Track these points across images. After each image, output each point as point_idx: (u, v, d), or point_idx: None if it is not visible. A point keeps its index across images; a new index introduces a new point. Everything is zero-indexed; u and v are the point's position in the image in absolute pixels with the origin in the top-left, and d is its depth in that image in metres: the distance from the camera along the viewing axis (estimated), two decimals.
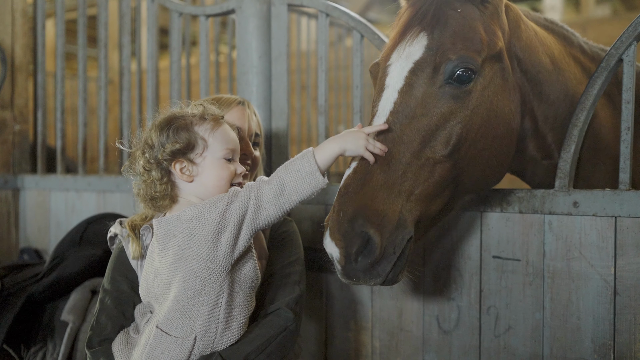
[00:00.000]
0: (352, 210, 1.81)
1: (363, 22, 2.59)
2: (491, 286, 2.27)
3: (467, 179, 2.00)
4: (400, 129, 1.91)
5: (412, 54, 1.97)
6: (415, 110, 1.92)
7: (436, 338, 2.40)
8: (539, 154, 2.29)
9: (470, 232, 2.31)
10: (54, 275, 2.84)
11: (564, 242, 2.13)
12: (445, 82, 1.93)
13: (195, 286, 1.78)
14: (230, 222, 1.78)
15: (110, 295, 2.04)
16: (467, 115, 1.93)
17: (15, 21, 3.90)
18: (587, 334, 2.09)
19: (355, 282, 1.85)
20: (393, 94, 1.96)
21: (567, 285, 2.12)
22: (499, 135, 2.02)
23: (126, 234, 2.02)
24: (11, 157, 3.89)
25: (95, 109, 5.46)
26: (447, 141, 1.92)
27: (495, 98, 1.99)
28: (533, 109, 2.20)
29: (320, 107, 2.74)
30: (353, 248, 1.79)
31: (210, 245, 1.77)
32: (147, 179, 1.88)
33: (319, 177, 1.80)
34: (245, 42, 2.82)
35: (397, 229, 1.82)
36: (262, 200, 1.80)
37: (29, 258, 3.67)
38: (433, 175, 1.90)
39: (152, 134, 1.89)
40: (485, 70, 1.98)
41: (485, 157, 2.00)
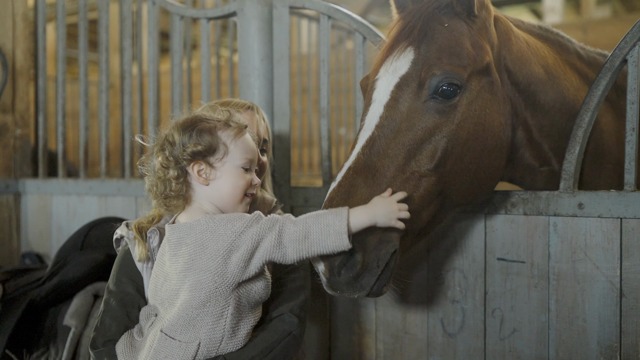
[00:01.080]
0: None
1: (365, 24, 2.58)
2: (496, 288, 2.26)
3: (455, 192, 2.00)
4: (386, 143, 1.92)
5: (398, 69, 1.99)
6: (400, 125, 1.93)
7: (441, 341, 2.38)
8: (536, 162, 2.28)
9: (475, 235, 2.30)
10: (56, 279, 2.83)
11: (569, 244, 2.11)
12: (430, 97, 1.94)
13: (201, 297, 1.77)
14: (243, 245, 1.76)
15: (115, 297, 2.03)
16: (452, 129, 1.94)
17: (16, 25, 3.90)
18: (593, 336, 2.07)
19: (340, 294, 1.86)
20: (379, 108, 1.97)
21: (573, 287, 2.11)
22: (488, 149, 2.01)
23: (132, 236, 2.02)
24: (12, 161, 3.89)
25: (95, 113, 5.46)
26: (432, 155, 1.92)
27: (483, 112, 1.99)
28: (526, 119, 2.19)
29: (323, 110, 2.73)
30: (336, 261, 1.80)
31: (220, 260, 1.76)
32: (163, 176, 1.87)
33: (344, 239, 1.75)
34: (247, 45, 2.81)
35: (381, 243, 1.83)
36: (283, 239, 1.77)
37: (31, 262, 3.66)
38: (418, 189, 1.91)
39: (175, 131, 1.88)
40: (472, 84, 1.98)
41: (473, 171, 2.00)
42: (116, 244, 2.14)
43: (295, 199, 2.76)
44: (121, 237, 2.10)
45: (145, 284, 2.04)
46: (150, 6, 3.25)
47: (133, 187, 3.37)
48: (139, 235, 2.01)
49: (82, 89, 3.69)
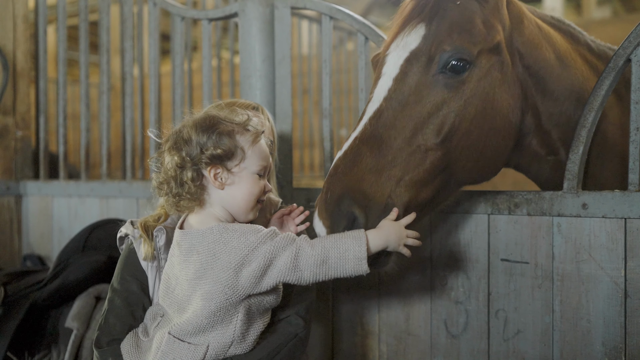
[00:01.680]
0: (339, 191, 1.85)
1: (367, 24, 2.57)
2: (499, 289, 2.25)
3: (460, 169, 2.01)
4: (393, 115, 1.93)
5: (409, 44, 2.00)
6: (408, 98, 1.95)
7: (444, 342, 2.37)
8: (543, 150, 2.27)
9: (478, 235, 2.29)
10: (58, 281, 2.83)
11: (573, 245, 2.11)
12: (439, 72, 1.95)
13: (211, 307, 1.76)
14: (255, 261, 1.73)
15: (120, 296, 2.01)
16: (460, 105, 1.95)
17: (16, 27, 3.89)
18: (598, 337, 2.06)
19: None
20: (388, 81, 1.98)
21: (577, 287, 2.10)
22: (495, 128, 2.02)
23: (138, 234, 2.00)
24: (13, 163, 3.88)
25: (95, 115, 5.46)
26: (439, 129, 1.93)
27: (492, 91, 2.00)
28: (536, 104, 2.19)
29: (325, 111, 2.72)
30: (339, 227, 1.82)
31: (232, 273, 1.74)
32: (178, 175, 1.81)
33: (364, 265, 1.75)
34: (249, 46, 2.80)
35: (385, 212, 1.85)
36: (300, 262, 1.74)
37: (32, 264, 3.66)
38: (424, 163, 1.91)
39: (192, 130, 1.81)
40: (481, 62, 1.99)
41: (480, 149, 2.01)
42: (120, 242, 2.12)
43: (298, 199, 2.75)
44: (125, 235, 2.07)
45: (150, 283, 2.03)
46: (151, 7, 3.24)
47: (134, 189, 3.36)
48: (144, 233, 1.98)
49: (83, 90, 3.68)
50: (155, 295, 2.02)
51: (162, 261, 2.01)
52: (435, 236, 2.38)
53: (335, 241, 1.77)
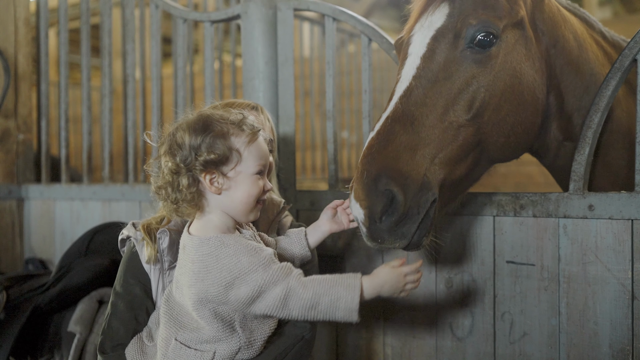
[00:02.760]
0: (375, 170, 1.83)
1: (371, 25, 2.56)
2: (505, 292, 2.24)
3: (492, 145, 2.02)
4: (423, 92, 1.93)
5: (434, 22, 2.01)
6: (437, 75, 1.95)
7: (449, 345, 2.36)
8: (561, 135, 2.26)
9: (483, 237, 2.28)
10: (60, 285, 2.81)
11: (580, 246, 2.09)
12: (466, 47, 1.96)
13: (206, 314, 1.75)
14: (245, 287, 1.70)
15: (123, 299, 1.99)
16: (490, 79, 1.96)
17: (18, 30, 3.89)
18: (605, 339, 2.05)
19: (380, 244, 1.86)
20: (415, 60, 1.99)
21: (584, 290, 2.08)
22: (524, 102, 2.03)
23: (140, 236, 1.98)
24: (15, 166, 3.87)
25: (96, 117, 5.44)
26: (470, 105, 1.94)
27: (519, 65, 2.02)
28: (559, 85, 2.20)
29: (329, 112, 2.70)
30: (378, 207, 1.81)
31: (222, 289, 1.72)
32: (173, 181, 1.78)
33: (354, 316, 1.73)
34: (251, 48, 2.79)
35: (421, 190, 1.84)
36: (289, 302, 1.72)
37: (34, 268, 3.64)
38: (457, 139, 1.92)
39: (184, 133, 1.77)
40: (507, 36, 2.00)
41: (510, 124, 2.02)
42: (121, 245, 2.09)
43: (301, 202, 2.74)
44: (127, 237, 2.05)
45: (153, 286, 2.01)
46: (153, 9, 3.23)
47: (137, 192, 3.35)
48: (147, 236, 1.96)
49: (84, 93, 3.67)
50: (158, 298, 2.00)
51: (165, 263, 1.99)
52: (440, 238, 2.36)
53: (329, 287, 1.73)
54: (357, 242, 2.58)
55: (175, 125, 1.83)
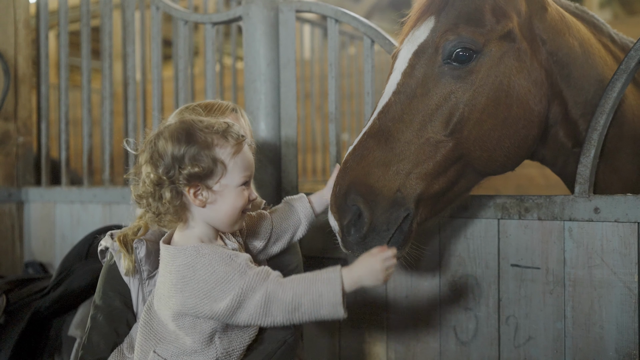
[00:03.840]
0: (346, 185, 1.88)
1: (373, 27, 2.54)
2: (510, 295, 2.22)
3: (476, 159, 2.00)
4: (401, 108, 1.94)
5: (418, 37, 2.01)
6: (415, 90, 1.95)
7: (453, 349, 2.34)
8: (569, 142, 2.24)
9: (488, 240, 2.26)
10: (61, 289, 2.79)
11: (585, 249, 2.07)
12: (444, 62, 1.95)
13: (186, 325, 1.71)
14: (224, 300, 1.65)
15: (102, 312, 1.94)
16: (469, 95, 1.94)
17: (18, 32, 3.87)
18: (611, 343, 2.03)
19: (352, 254, 1.91)
20: (397, 75, 2.00)
21: (589, 293, 2.06)
22: (512, 117, 2.00)
23: (118, 248, 1.93)
24: (15, 169, 3.85)
25: (96, 120, 5.42)
26: (447, 121, 1.93)
27: (507, 79, 1.98)
28: (562, 93, 2.17)
29: (331, 115, 2.69)
30: (345, 220, 1.87)
31: (199, 301, 1.67)
32: (155, 193, 1.71)
33: (339, 311, 1.68)
34: (253, 50, 2.77)
35: (393, 206, 1.86)
36: (272, 308, 1.67)
37: (34, 272, 3.62)
38: (435, 155, 1.92)
39: (168, 143, 1.70)
40: (491, 50, 1.97)
41: (495, 138, 1.99)
42: (101, 256, 2.04)
43: None
44: (106, 248, 2.00)
45: (133, 296, 1.96)
46: (154, 11, 3.21)
47: None
48: (123, 248, 1.91)
49: (85, 95, 3.65)
50: (139, 309, 1.96)
51: (144, 273, 1.95)
52: (444, 241, 2.34)
53: (308, 285, 1.68)
54: None
55: (157, 132, 1.76)
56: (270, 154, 2.77)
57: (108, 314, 1.94)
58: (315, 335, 2.68)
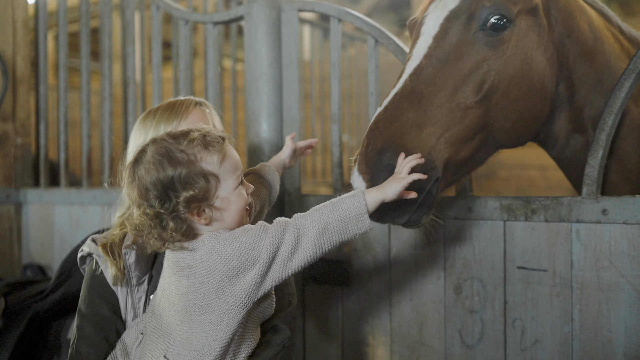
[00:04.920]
0: (380, 144, 1.85)
1: (377, 26, 2.52)
2: (516, 298, 2.19)
3: (499, 129, 2.03)
4: (433, 72, 1.94)
5: (448, 4, 2.03)
6: (449, 55, 1.96)
7: (459, 353, 2.31)
8: (570, 126, 2.25)
9: (494, 242, 2.23)
10: (60, 292, 2.75)
11: (593, 252, 2.05)
12: (479, 29, 1.97)
13: (212, 320, 1.66)
14: (258, 260, 1.64)
15: (90, 321, 1.87)
16: (500, 63, 1.98)
17: (16, 32, 3.83)
18: (619, 346, 2.00)
19: (379, 220, 1.87)
20: (428, 39, 2.00)
21: (597, 296, 2.04)
22: (533, 89, 2.04)
23: (102, 255, 1.87)
24: (13, 170, 3.81)
25: (94, 121, 5.39)
26: (479, 87, 1.96)
27: (530, 52, 2.03)
28: (571, 75, 2.19)
29: (334, 115, 2.66)
30: (380, 180, 1.81)
31: (233, 281, 1.64)
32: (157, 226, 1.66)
33: (365, 220, 1.70)
34: (255, 49, 2.74)
35: (423, 169, 1.83)
36: (302, 240, 1.67)
37: (33, 274, 3.58)
38: (464, 120, 1.93)
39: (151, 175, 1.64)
40: (520, 22, 2.01)
41: (518, 109, 2.03)
42: (81, 262, 1.97)
43: (306, 206, 2.68)
44: (88, 254, 1.93)
45: (121, 304, 1.90)
46: (154, 11, 3.18)
47: None
48: (109, 256, 1.85)
49: (84, 96, 3.62)
50: (128, 316, 1.91)
51: (133, 279, 1.89)
52: (449, 243, 2.32)
53: (332, 205, 1.71)
54: (363, 248, 2.53)
55: (132, 163, 1.70)
56: (272, 155, 2.73)
57: (96, 323, 1.86)
58: (318, 339, 2.65)
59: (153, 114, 2.05)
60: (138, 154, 1.70)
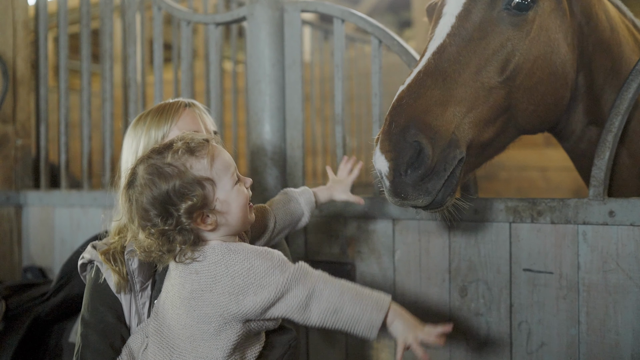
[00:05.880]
0: (404, 121, 1.81)
1: (381, 27, 2.50)
2: (522, 301, 2.17)
3: (521, 112, 2.01)
4: (457, 50, 1.93)
5: None
6: (472, 34, 1.95)
7: (464, 356, 2.29)
8: (587, 118, 2.24)
9: (499, 244, 2.21)
10: (62, 295, 2.73)
11: (600, 254, 2.03)
12: (504, 8, 1.95)
13: (210, 330, 1.64)
14: (264, 292, 1.61)
15: (94, 329, 1.84)
16: (525, 44, 1.97)
17: (16, 33, 3.81)
18: (627, 349, 1.98)
19: (403, 200, 1.82)
20: (450, 19, 1.98)
21: (604, 298, 2.02)
22: (556, 73, 2.03)
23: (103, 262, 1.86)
24: (13, 172, 3.78)
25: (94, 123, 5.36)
26: (503, 67, 1.94)
27: (553, 35, 2.02)
28: (590, 64, 2.19)
29: (337, 116, 2.64)
30: (404, 158, 1.77)
31: (233, 298, 1.62)
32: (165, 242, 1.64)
33: (374, 333, 1.63)
34: (258, 50, 2.73)
35: (450, 146, 1.82)
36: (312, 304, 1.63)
37: (33, 277, 3.55)
38: (487, 100, 1.91)
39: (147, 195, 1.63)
40: (544, 3, 2.00)
41: (541, 92, 2.02)
42: (82, 270, 1.95)
43: None
44: (89, 261, 1.92)
45: (125, 310, 1.88)
46: (156, 12, 3.16)
47: None
48: (110, 264, 1.83)
49: (85, 97, 3.60)
50: (132, 322, 1.89)
51: (137, 285, 1.87)
52: (454, 245, 2.30)
53: (355, 295, 1.64)
54: (367, 249, 2.51)
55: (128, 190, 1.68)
56: (275, 156, 2.72)
57: (101, 331, 1.84)
58: (322, 342, 2.63)
59: (143, 119, 2.03)
60: (130, 176, 1.69)
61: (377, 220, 2.48)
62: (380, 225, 2.47)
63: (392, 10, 10.75)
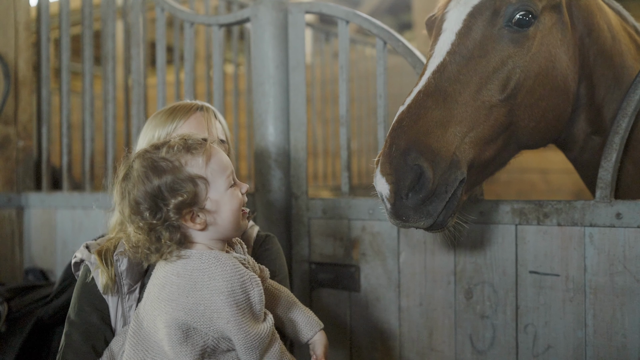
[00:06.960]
0: (405, 144, 1.80)
1: (386, 28, 2.49)
2: (528, 303, 2.16)
3: (523, 128, 2.00)
4: (457, 69, 1.91)
5: (470, 0, 1.99)
6: (472, 52, 1.93)
7: (469, 358, 2.28)
8: (590, 128, 2.23)
9: (505, 246, 2.20)
10: (65, 297, 2.70)
11: (607, 256, 2.02)
12: (504, 25, 1.95)
13: (178, 335, 1.60)
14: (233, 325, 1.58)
15: (78, 329, 1.83)
16: (525, 60, 1.95)
17: (18, 34, 3.80)
18: (634, 352, 1.97)
19: (404, 222, 1.82)
20: (450, 36, 1.97)
21: (611, 301, 2.01)
22: (557, 88, 2.02)
23: (96, 262, 1.84)
24: (15, 174, 3.77)
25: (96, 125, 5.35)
26: (504, 85, 1.93)
27: (554, 50, 2.01)
28: (591, 75, 2.17)
29: (342, 118, 2.63)
30: (405, 182, 1.77)
31: (210, 314, 1.58)
32: (152, 238, 1.63)
33: None
34: (261, 52, 2.72)
35: (450, 168, 1.81)
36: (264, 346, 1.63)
37: (34, 279, 3.54)
38: (489, 119, 1.90)
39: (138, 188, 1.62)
40: (545, 18, 1.99)
41: (542, 108, 2.00)
42: (75, 269, 1.94)
43: (313, 210, 2.66)
44: (81, 260, 1.90)
45: (111, 312, 1.86)
46: (159, 13, 3.15)
47: None
48: (102, 263, 1.82)
49: (87, 99, 3.59)
50: (118, 325, 1.87)
51: (124, 287, 1.85)
52: (459, 247, 2.29)
53: None
54: (371, 252, 2.50)
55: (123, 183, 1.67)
56: (279, 158, 2.71)
57: (84, 331, 1.82)
58: None
59: (154, 117, 2.06)
60: (126, 169, 1.69)
61: (381, 222, 2.47)
62: (385, 227, 2.46)
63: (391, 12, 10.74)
